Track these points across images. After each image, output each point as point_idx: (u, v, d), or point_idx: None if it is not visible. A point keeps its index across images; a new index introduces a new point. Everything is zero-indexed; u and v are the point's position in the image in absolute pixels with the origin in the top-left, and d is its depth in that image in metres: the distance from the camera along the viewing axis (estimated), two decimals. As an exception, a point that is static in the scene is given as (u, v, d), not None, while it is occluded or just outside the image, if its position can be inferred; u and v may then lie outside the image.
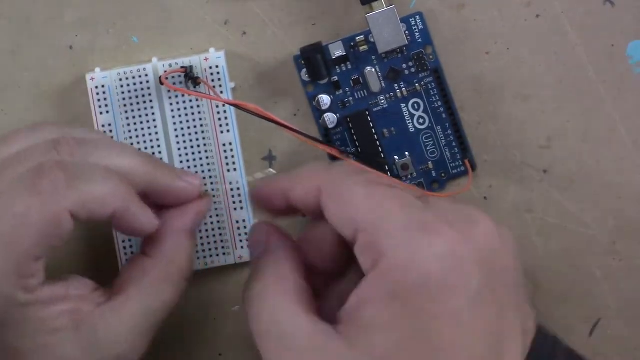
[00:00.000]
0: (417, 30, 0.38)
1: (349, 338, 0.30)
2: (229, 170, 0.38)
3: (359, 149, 0.38)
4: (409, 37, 0.38)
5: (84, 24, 0.39)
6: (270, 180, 0.36)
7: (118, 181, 0.32)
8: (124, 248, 0.38)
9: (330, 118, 0.38)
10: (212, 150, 0.38)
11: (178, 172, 0.35)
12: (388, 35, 0.37)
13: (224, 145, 0.38)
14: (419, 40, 0.38)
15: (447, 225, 0.30)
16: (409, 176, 0.39)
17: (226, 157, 0.38)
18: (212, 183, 0.38)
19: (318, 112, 0.39)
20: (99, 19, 0.39)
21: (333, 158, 0.38)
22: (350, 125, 0.38)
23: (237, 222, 0.38)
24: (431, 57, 0.38)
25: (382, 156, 0.38)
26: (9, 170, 0.32)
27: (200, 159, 0.38)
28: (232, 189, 0.38)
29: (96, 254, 0.39)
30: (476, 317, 0.29)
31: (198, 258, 0.38)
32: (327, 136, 0.39)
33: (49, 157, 0.32)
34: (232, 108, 0.38)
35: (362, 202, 0.31)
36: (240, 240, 0.38)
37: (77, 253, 0.39)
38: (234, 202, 0.38)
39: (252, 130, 0.39)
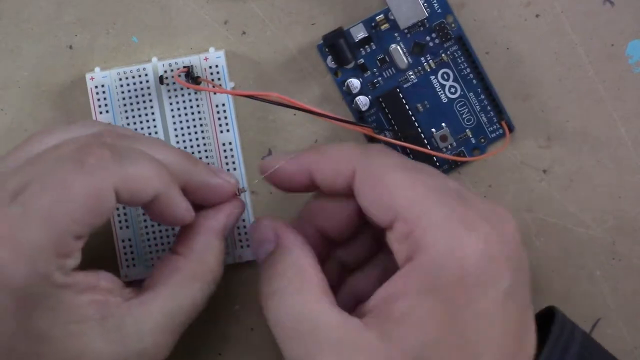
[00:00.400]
0: (435, 1, 0.38)
1: (381, 332, 0.30)
2: (228, 170, 0.38)
3: (395, 127, 0.38)
4: (428, 10, 0.38)
5: (83, 24, 0.39)
6: (295, 157, 0.34)
7: (162, 165, 0.32)
8: (125, 254, 0.38)
9: (362, 101, 0.38)
10: (212, 150, 0.38)
11: (215, 169, 0.35)
12: (407, 10, 0.37)
13: (223, 145, 0.38)
14: (439, 11, 0.38)
15: (484, 221, 0.30)
16: (449, 147, 0.38)
17: (226, 157, 0.38)
18: (212, 183, 0.38)
19: (349, 97, 0.38)
20: (99, 19, 0.39)
21: (371, 139, 0.38)
22: (383, 105, 0.38)
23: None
24: (453, 25, 0.38)
25: (420, 131, 0.38)
26: (52, 153, 0.31)
27: (200, 158, 0.38)
28: (232, 189, 0.38)
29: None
30: (506, 313, 0.30)
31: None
32: (361, 119, 0.38)
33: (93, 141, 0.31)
34: (232, 107, 0.38)
35: (404, 190, 0.30)
36: (240, 240, 0.38)
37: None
38: (233, 202, 0.38)
39: (252, 130, 0.39)
